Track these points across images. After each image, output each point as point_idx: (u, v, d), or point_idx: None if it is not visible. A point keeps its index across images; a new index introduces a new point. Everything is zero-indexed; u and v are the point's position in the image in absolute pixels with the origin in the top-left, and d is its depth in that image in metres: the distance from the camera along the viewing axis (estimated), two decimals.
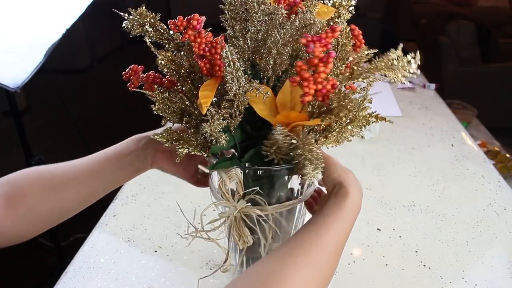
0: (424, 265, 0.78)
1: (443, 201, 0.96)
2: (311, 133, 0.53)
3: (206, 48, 0.50)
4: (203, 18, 0.51)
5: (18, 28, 1.20)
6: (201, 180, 0.68)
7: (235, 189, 0.58)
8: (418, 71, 0.51)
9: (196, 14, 0.50)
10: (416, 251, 0.81)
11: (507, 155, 1.75)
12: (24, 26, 1.20)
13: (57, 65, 2.41)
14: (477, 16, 3.38)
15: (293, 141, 0.49)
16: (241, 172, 0.56)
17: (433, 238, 0.85)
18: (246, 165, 0.55)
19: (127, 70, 0.58)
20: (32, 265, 1.86)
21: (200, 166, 0.68)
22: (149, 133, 0.63)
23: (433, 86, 1.66)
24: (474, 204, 0.95)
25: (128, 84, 0.59)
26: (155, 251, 0.81)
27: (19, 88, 1.11)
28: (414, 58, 0.50)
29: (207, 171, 0.67)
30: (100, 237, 0.84)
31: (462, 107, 2.29)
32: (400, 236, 0.85)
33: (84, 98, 3.40)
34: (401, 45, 0.51)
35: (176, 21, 0.51)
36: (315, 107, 0.52)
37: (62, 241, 1.79)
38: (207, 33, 0.51)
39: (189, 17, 0.50)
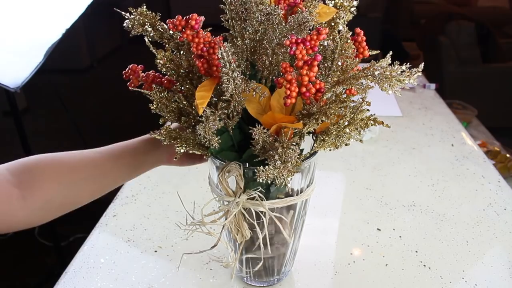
0: (424, 265, 0.78)
1: (443, 201, 0.96)
2: (295, 136, 0.53)
3: (204, 48, 0.50)
4: (202, 18, 0.51)
5: (18, 28, 1.20)
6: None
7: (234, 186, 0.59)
8: (416, 83, 0.50)
9: (195, 14, 0.50)
10: (416, 251, 0.81)
11: (507, 155, 1.75)
12: (24, 26, 1.20)
13: (57, 65, 2.41)
14: (477, 16, 3.38)
15: (269, 140, 0.49)
16: (240, 167, 0.56)
17: (433, 238, 0.85)
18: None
19: (126, 69, 0.58)
20: (32, 265, 1.86)
21: None
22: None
23: (433, 86, 1.66)
24: (474, 204, 0.95)
25: (128, 84, 0.59)
26: (155, 251, 0.81)
27: (19, 88, 1.11)
28: (410, 67, 0.50)
29: None
30: (100, 237, 0.84)
31: (462, 107, 2.29)
32: (400, 236, 0.85)
33: (84, 98, 3.39)
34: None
35: (175, 20, 0.51)
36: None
37: (62, 241, 1.79)
38: (206, 33, 0.51)
39: (187, 16, 0.50)
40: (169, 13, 5.14)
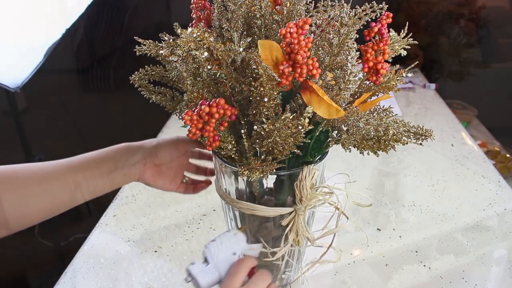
0: (424, 265, 0.78)
1: (443, 201, 0.96)
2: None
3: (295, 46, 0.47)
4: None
5: (18, 28, 1.20)
6: (189, 187, 0.68)
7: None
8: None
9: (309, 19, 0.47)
10: (416, 251, 0.81)
11: (507, 155, 1.75)
12: (24, 26, 1.20)
13: (57, 65, 2.41)
14: (477, 16, 3.38)
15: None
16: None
17: (433, 238, 0.85)
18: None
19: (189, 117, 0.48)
20: (32, 265, 1.86)
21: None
22: (140, 146, 0.60)
23: (433, 86, 1.66)
24: (474, 204, 0.95)
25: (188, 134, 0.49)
26: (155, 251, 0.81)
27: (19, 88, 1.11)
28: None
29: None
30: (100, 237, 0.84)
31: (462, 107, 2.29)
32: (400, 236, 0.85)
33: (84, 98, 3.39)
34: None
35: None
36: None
37: (62, 241, 1.79)
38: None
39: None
40: (169, 13, 5.13)
